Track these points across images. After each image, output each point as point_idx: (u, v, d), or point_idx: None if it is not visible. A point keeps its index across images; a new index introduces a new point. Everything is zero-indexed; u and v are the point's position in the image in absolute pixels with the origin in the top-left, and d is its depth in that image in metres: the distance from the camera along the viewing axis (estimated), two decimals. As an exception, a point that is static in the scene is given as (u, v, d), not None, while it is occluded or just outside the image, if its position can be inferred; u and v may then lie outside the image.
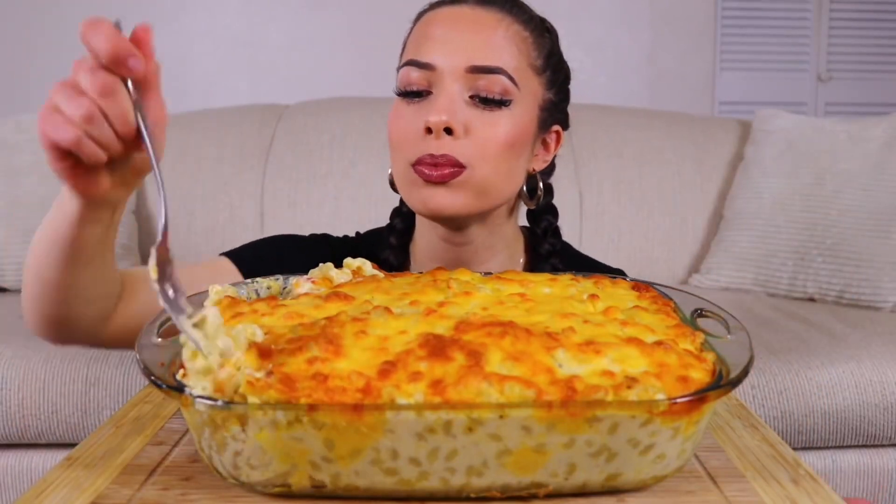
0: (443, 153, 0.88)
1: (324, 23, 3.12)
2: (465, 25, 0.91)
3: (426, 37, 0.92)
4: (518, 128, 0.91)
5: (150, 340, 0.61)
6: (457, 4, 0.94)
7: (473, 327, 0.59)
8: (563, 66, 1.01)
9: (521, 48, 0.92)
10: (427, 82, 0.91)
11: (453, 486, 0.54)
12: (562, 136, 1.02)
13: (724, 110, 3.31)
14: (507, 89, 0.90)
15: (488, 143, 0.89)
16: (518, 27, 0.93)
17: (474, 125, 0.89)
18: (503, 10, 0.93)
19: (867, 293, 1.97)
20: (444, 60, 0.89)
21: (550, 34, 0.99)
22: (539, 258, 1.04)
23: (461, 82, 0.90)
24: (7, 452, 1.60)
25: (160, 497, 0.56)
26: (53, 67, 3.06)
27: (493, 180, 0.91)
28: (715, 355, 0.59)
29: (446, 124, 0.88)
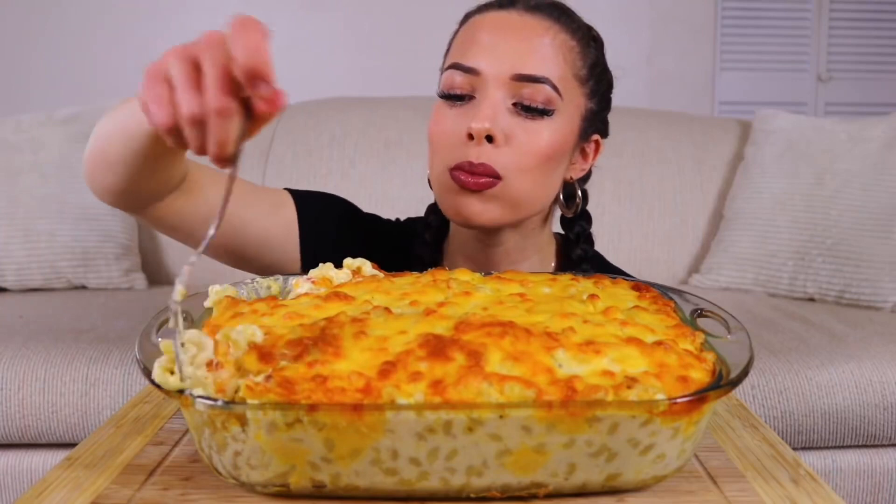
0: (481, 161, 0.88)
1: (324, 23, 3.12)
2: (513, 32, 0.90)
3: (472, 41, 0.91)
4: (559, 138, 0.91)
5: (149, 340, 0.61)
6: (505, 9, 0.93)
7: (473, 327, 0.59)
8: (606, 75, 1.01)
9: (566, 58, 0.92)
10: (471, 87, 0.90)
11: (453, 486, 0.54)
12: (601, 145, 1.01)
13: (724, 110, 3.31)
14: (551, 99, 0.90)
15: (528, 153, 0.89)
16: (565, 36, 0.92)
17: (515, 133, 0.89)
18: (551, 17, 0.93)
19: (867, 293, 1.97)
20: (490, 66, 0.89)
21: (596, 43, 0.99)
22: (570, 263, 1.04)
23: (505, 89, 0.89)
24: (7, 452, 1.60)
25: (160, 497, 0.56)
26: (53, 67, 3.07)
27: (528, 193, 0.91)
28: (715, 355, 0.59)
29: (488, 132, 0.88)
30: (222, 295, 0.70)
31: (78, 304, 1.92)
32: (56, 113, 2.20)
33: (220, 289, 0.71)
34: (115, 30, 3.09)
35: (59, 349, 1.59)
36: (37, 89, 3.06)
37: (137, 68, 2.55)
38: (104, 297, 2.01)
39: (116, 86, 2.98)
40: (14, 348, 1.60)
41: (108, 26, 3.09)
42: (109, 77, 3.07)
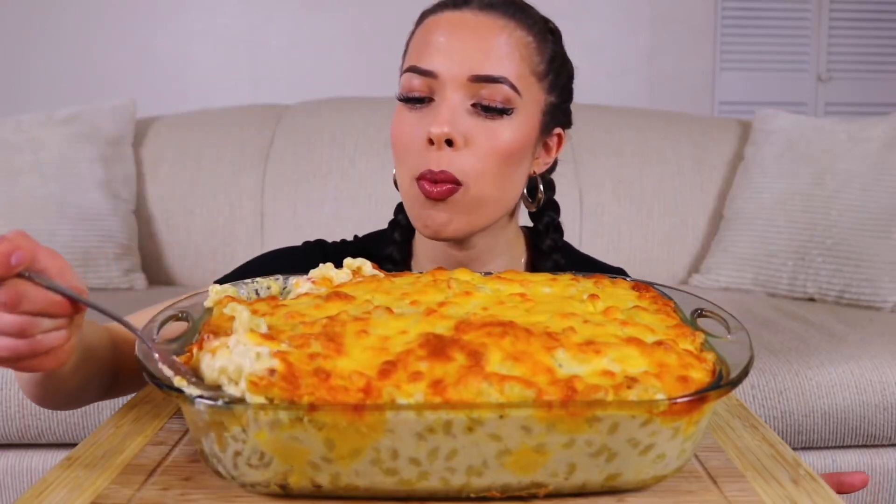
0: (442, 170, 0.88)
1: (324, 23, 3.12)
2: (468, 32, 0.90)
3: (428, 43, 0.91)
4: (519, 136, 0.91)
5: (149, 340, 0.61)
6: (459, 9, 0.92)
7: (473, 327, 0.59)
8: (566, 66, 1.00)
9: (523, 55, 0.91)
10: (429, 89, 0.90)
11: (453, 485, 0.54)
12: (563, 137, 1.01)
13: (723, 110, 3.31)
14: (510, 98, 0.89)
15: (488, 153, 0.89)
16: (521, 33, 0.92)
17: (475, 135, 0.89)
18: (506, 15, 0.92)
19: (867, 293, 1.97)
20: (446, 68, 0.89)
21: (554, 35, 0.98)
22: (541, 255, 1.03)
23: (463, 91, 0.89)
24: (7, 452, 1.60)
25: (160, 497, 0.56)
26: (53, 67, 3.07)
27: (491, 195, 0.91)
28: (715, 355, 0.59)
29: (447, 136, 0.88)
30: (222, 295, 0.70)
31: (78, 304, 1.92)
32: (56, 113, 2.20)
33: (220, 289, 0.71)
34: (115, 30, 3.09)
35: (59, 349, 1.59)
36: (37, 89, 3.06)
37: (137, 68, 2.58)
38: (104, 297, 2.01)
39: (116, 86, 2.98)
40: (14, 348, 1.60)
41: (108, 26, 3.09)
42: (109, 77, 3.07)
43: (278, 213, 2.20)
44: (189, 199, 2.21)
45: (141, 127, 2.30)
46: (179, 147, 2.27)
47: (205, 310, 0.69)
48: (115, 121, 2.21)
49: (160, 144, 2.28)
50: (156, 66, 3.09)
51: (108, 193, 2.13)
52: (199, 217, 2.20)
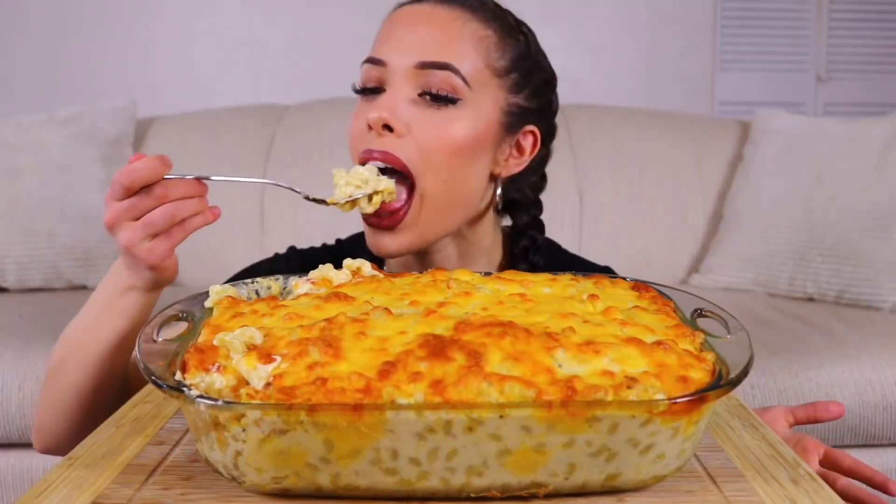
0: (382, 150, 0.86)
1: (324, 23, 3.12)
2: (422, 23, 0.89)
3: (385, 34, 0.91)
4: (470, 130, 0.88)
5: (150, 340, 0.62)
6: (418, 3, 0.92)
7: (473, 327, 0.59)
8: (538, 69, 0.96)
9: (478, 47, 0.89)
10: (380, 79, 0.89)
11: (453, 485, 0.54)
12: (538, 139, 0.96)
13: (723, 110, 3.31)
14: (456, 87, 0.87)
15: (433, 143, 0.87)
16: (478, 25, 0.90)
17: (418, 123, 0.87)
18: (465, 7, 0.91)
19: (867, 293, 1.97)
20: (395, 57, 0.88)
21: (526, 37, 0.95)
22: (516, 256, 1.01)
23: (411, 80, 0.87)
24: (7, 452, 1.60)
25: (160, 497, 0.56)
26: (53, 67, 3.07)
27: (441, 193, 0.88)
28: (715, 355, 0.59)
29: (385, 121, 0.86)
30: (223, 295, 0.70)
31: (78, 304, 1.91)
32: (56, 113, 2.20)
33: (220, 289, 0.71)
34: (115, 30, 3.09)
35: (59, 349, 1.59)
36: (37, 89, 3.06)
37: (137, 68, 2.59)
38: (104, 297, 2.01)
39: (116, 86, 2.98)
40: (14, 348, 1.60)
41: (108, 26, 3.09)
42: (109, 77, 3.07)
43: (278, 214, 2.20)
44: (189, 199, 2.21)
45: (141, 127, 2.30)
46: (179, 147, 2.27)
47: (205, 310, 0.69)
48: (115, 121, 2.21)
49: (160, 144, 2.28)
50: (156, 66, 3.09)
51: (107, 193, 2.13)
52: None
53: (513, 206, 1.01)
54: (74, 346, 0.87)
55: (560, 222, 2.21)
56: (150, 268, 0.82)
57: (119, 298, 0.86)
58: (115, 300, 0.86)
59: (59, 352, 0.89)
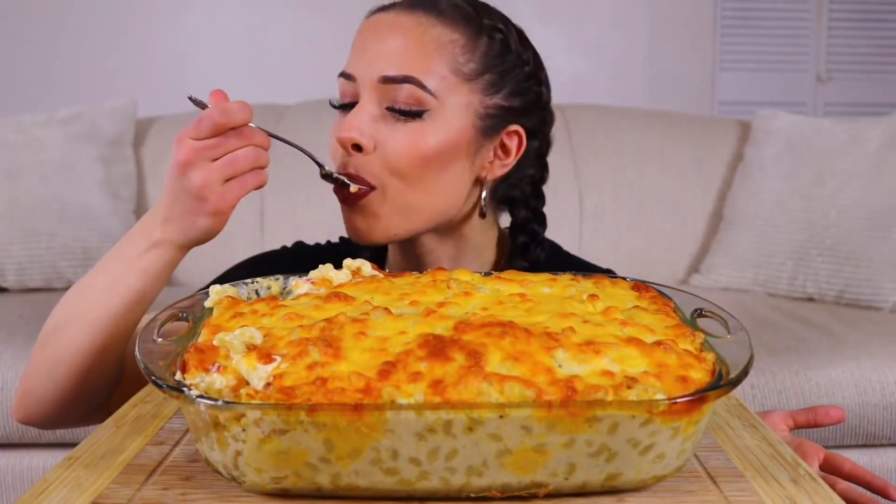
0: (348, 171, 0.88)
1: (324, 23, 3.12)
2: (384, 33, 0.88)
3: (354, 46, 0.90)
4: (440, 139, 0.86)
5: (150, 340, 0.62)
6: (385, 11, 0.90)
7: (473, 327, 0.59)
8: (517, 65, 0.92)
9: (441, 53, 0.87)
10: (353, 93, 0.89)
11: (453, 485, 0.54)
12: (522, 137, 0.93)
13: (723, 110, 3.31)
14: (420, 99, 0.86)
15: (400, 157, 0.86)
16: (441, 30, 0.88)
17: (384, 138, 0.86)
18: (428, 13, 0.88)
19: (867, 293, 1.97)
20: (361, 71, 0.87)
21: (502, 33, 0.91)
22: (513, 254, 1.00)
23: (377, 94, 0.87)
24: (7, 452, 1.60)
25: (160, 497, 0.56)
26: (53, 67, 3.07)
27: (413, 197, 0.88)
28: (715, 355, 0.59)
29: (353, 140, 0.86)
30: (223, 295, 0.70)
31: (78, 304, 1.92)
32: (56, 113, 2.20)
33: (220, 289, 0.71)
34: (115, 30, 3.09)
35: (59, 349, 1.59)
36: (37, 89, 3.06)
37: (137, 68, 2.58)
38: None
39: (116, 86, 2.98)
40: (14, 348, 1.60)
41: (108, 26, 3.09)
42: (109, 77, 3.07)
43: (278, 213, 2.20)
44: (189, 199, 2.21)
45: (141, 127, 2.30)
46: (179, 147, 2.26)
47: (205, 310, 0.69)
48: (115, 121, 2.21)
49: (160, 144, 2.28)
50: (156, 66, 3.09)
51: (108, 193, 2.13)
52: (199, 217, 2.20)
53: (510, 202, 1.00)
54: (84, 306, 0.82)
55: (560, 222, 2.22)
56: (215, 213, 0.79)
57: (143, 255, 0.81)
58: (139, 257, 0.81)
59: (63, 311, 0.84)
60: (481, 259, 0.99)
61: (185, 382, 0.55)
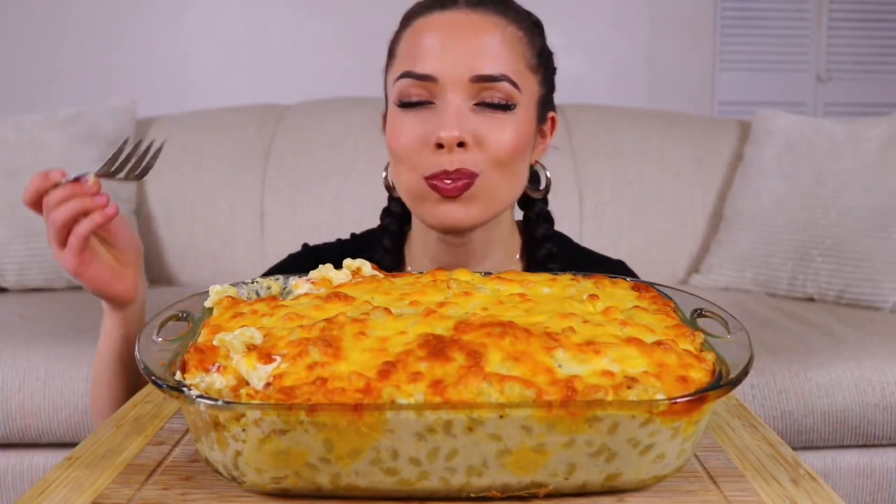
0: (456, 168, 0.89)
1: (324, 23, 3.12)
2: (462, 33, 0.90)
3: (421, 46, 0.90)
4: (523, 129, 0.92)
5: (150, 340, 0.62)
6: (448, 9, 0.92)
7: (473, 327, 0.59)
8: (551, 57, 1.00)
9: (517, 50, 0.92)
10: (428, 93, 0.90)
11: (453, 485, 0.54)
12: (556, 121, 1.02)
13: (723, 110, 3.31)
14: (511, 94, 0.90)
15: (498, 149, 0.90)
16: (513, 28, 0.93)
17: (483, 133, 0.89)
18: (497, 12, 0.92)
19: (867, 293, 1.97)
20: (446, 72, 0.89)
21: (539, 28, 0.98)
22: (536, 244, 1.03)
23: (465, 92, 0.89)
24: (7, 452, 1.60)
25: (160, 497, 0.56)
26: (53, 67, 3.07)
27: (503, 185, 0.92)
28: (715, 355, 0.59)
29: (459, 139, 0.88)
30: (223, 295, 0.70)
31: (78, 304, 1.92)
32: (56, 113, 2.20)
33: (220, 289, 0.71)
34: (115, 30, 3.09)
35: (59, 349, 1.59)
36: (37, 89, 3.06)
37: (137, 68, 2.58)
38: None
39: (116, 86, 2.98)
40: (14, 348, 1.60)
41: (108, 26, 3.09)
42: (109, 77, 3.07)
43: (278, 213, 2.20)
44: (189, 200, 2.21)
45: (141, 127, 2.30)
46: (179, 147, 2.27)
47: (205, 310, 0.69)
48: (115, 121, 2.20)
49: (160, 144, 2.28)
50: (156, 66, 3.09)
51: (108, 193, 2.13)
52: (199, 217, 2.20)
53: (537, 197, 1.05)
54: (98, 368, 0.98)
55: (560, 222, 2.21)
56: (75, 274, 0.87)
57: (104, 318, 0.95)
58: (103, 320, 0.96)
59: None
60: (505, 246, 1.02)
61: (185, 382, 0.55)
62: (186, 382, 0.55)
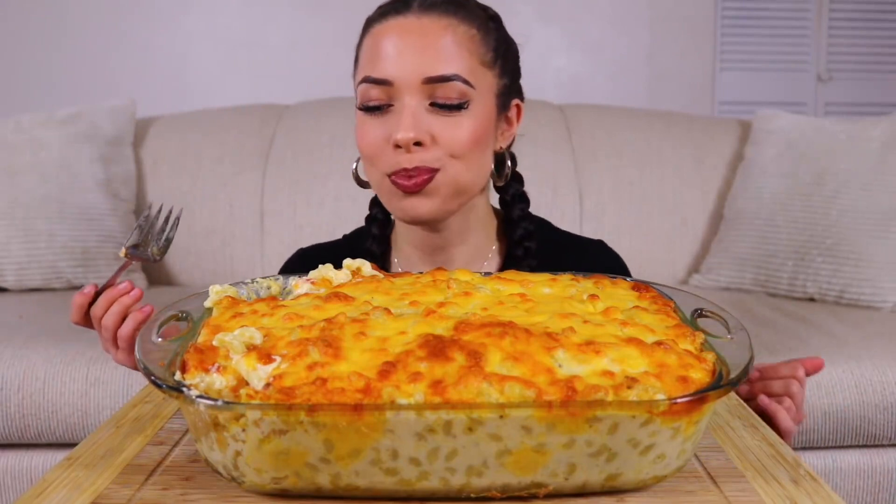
0: (415, 165, 0.94)
1: (324, 23, 3.12)
2: (414, 37, 0.94)
3: (378, 52, 0.95)
4: (480, 124, 0.96)
5: (150, 340, 0.61)
6: (402, 14, 0.96)
7: (473, 328, 0.59)
8: (511, 48, 1.03)
9: (470, 49, 0.96)
10: (387, 96, 0.95)
11: (453, 486, 0.54)
12: (522, 108, 1.05)
13: (723, 110, 3.31)
14: (464, 92, 0.94)
15: (455, 145, 0.94)
16: (464, 28, 0.96)
17: (438, 131, 0.94)
18: (447, 13, 0.96)
19: (867, 293, 1.97)
20: (400, 75, 0.93)
21: (495, 21, 1.02)
22: (512, 224, 1.08)
23: (419, 94, 0.94)
24: (7, 452, 1.59)
25: (160, 497, 0.56)
26: (53, 67, 3.07)
27: (466, 177, 0.97)
28: (715, 355, 0.59)
29: (414, 139, 0.93)
30: (222, 295, 0.70)
31: (78, 304, 1.92)
32: (56, 113, 2.20)
33: (220, 289, 0.71)
34: (115, 30, 3.09)
35: (59, 349, 1.59)
36: (37, 89, 3.06)
37: (137, 68, 2.58)
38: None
39: (116, 86, 2.98)
40: (14, 348, 1.60)
41: (108, 26, 3.09)
42: (109, 77, 3.07)
43: (278, 213, 2.20)
44: (189, 199, 2.21)
45: (141, 127, 2.30)
46: (179, 147, 2.26)
47: (205, 310, 0.69)
48: (115, 121, 2.20)
49: (160, 144, 2.28)
50: (156, 66, 3.09)
51: (108, 193, 2.13)
52: (199, 217, 2.20)
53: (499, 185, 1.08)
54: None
55: (560, 222, 2.21)
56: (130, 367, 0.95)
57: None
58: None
59: None
60: (484, 230, 1.07)
61: (184, 382, 0.55)
62: (186, 382, 0.55)
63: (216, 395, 0.54)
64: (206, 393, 0.54)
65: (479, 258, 1.05)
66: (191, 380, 0.55)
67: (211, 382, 0.55)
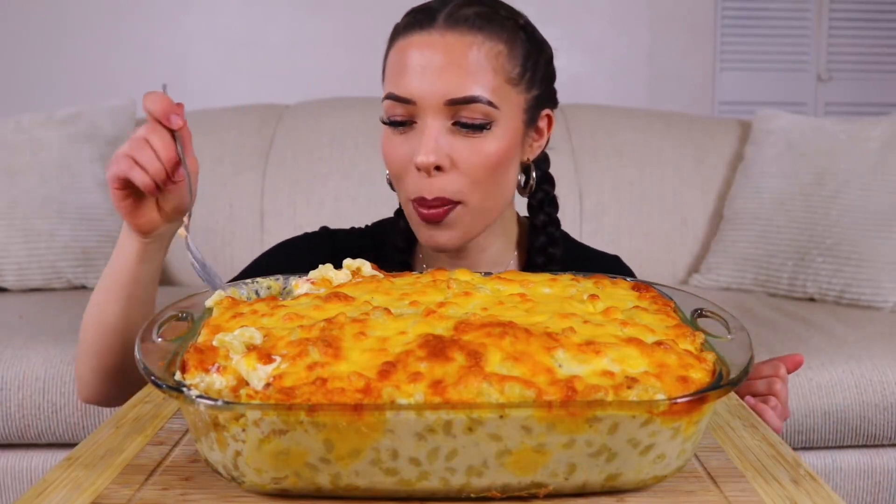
0: (434, 196, 0.92)
1: (324, 23, 3.12)
2: (438, 55, 0.91)
3: (402, 68, 0.93)
4: (504, 143, 0.93)
5: (150, 340, 0.61)
6: (426, 30, 0.93)
7: (473, 328, 0.59)
8: (542, 55, 0.99)
9: (495, 67, 0.92)
10: (409, 114, 0.93)
11: (453, 486, 0.54)
12: (553, 117, 1.02)
13: (723, 110, 3.31)
14: (488, 113, 0.91)
15: (477, 169, 0.92)
16: (490, 45, 0.92)
17: (460, 153, 0.92)
18: (473, 29, 0.92)
19: (867, 293, 1.97)
20: (422, 95, 0.91)
21: (525, 31, 0.97)
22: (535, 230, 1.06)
23: (442, 115, 0.91)
24: (7, 452, 1.59)
25: (160, 497, 0.56)
26: (53, 67, 3.07)
27: (488, 203, 0.95)
28: (715, 355, 0.59)
29: (434, 164, 0.91)
30: (223, 295, 0.70)
31: (78, 304, 1.91)
32: (56, 113, 2.20)
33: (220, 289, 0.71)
34: (115, 30, 3.09)
35: (59, 349, 1.59)
36: (37, 89, 3.06)
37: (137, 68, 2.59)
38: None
39: (116, 86, 2.98)
40: (14, 348, 1.60)
41: (108, 26, 3.09)
42: (109, 77, 3.07)
43: (278, 213, 2.20)
44: (189, 199, 2.21)
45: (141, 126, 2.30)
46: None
47: (205, 310, 0.69)
48: (115, 121, 2.20)
49: (160, 144, 2.28)
50: (156, 67, 3.09)
51: (107, 193, 2.12)
52: (199, 217, 2.20)
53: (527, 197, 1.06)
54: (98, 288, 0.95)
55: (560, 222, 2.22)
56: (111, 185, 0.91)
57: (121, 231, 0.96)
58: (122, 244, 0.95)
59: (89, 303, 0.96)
60: (505, 236, 1.05)
61: (184, 382, 0.55)
62: (186, 382, 0.55)
63: (216, 395, 0.54)
64: (206, 393, 0.54)
65: (499, 266, 1.04)
66: (191, 380, 0.55)
67: (211, 382, 0.55)
